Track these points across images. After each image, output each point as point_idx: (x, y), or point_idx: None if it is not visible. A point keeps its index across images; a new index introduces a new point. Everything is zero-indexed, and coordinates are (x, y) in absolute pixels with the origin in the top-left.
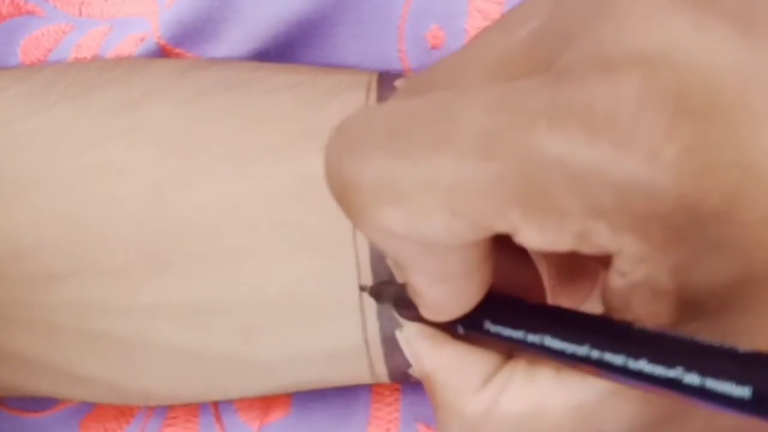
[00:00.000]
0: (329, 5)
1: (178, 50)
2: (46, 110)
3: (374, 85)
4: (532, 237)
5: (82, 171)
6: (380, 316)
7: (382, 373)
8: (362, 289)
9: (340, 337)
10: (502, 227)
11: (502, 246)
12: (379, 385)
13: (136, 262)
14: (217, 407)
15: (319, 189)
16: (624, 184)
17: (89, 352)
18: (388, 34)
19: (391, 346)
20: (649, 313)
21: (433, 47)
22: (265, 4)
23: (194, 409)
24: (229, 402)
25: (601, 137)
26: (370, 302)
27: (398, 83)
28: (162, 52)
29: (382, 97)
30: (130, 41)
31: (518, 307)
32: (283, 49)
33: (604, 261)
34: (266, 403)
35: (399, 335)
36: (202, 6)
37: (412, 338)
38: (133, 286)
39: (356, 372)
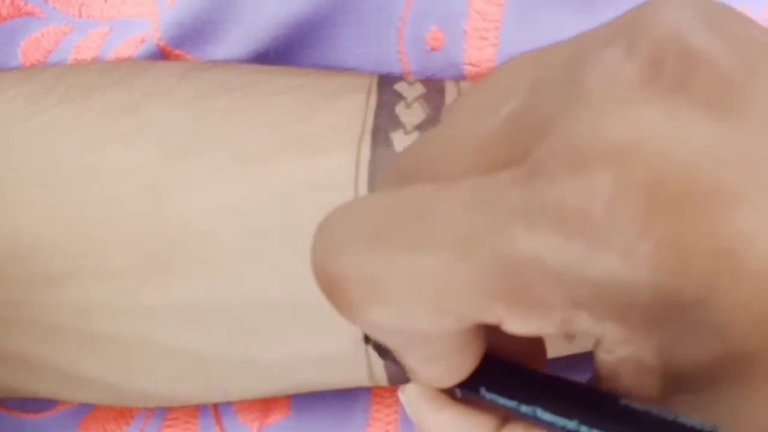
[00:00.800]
0: (329, 7)
1: (178, 51)
2: (47, 112)
3: (374, 88)
4: (518, 327)
5: (82, 172)
6: None
7: (381, 377)
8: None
9: (339, 340)
10: (488, 319)
11: None
12: (379, 387)
13: (136, 264)
14: (216, 409)
15: (320, 192)
16: (601, 281)
17: (89, 352)
18: (388, 36)
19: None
20: (636, 386)
21: (433, 49)
22: (265, 6)
23: (193, 410)
24: (229, 404)
25: (575, 236)
26: None
27: (398, 86)
28: (162, 54)
29: (382, 101)
30: (130, 42)
31: (513, 374)
32: (283, 51)
33: None
34: (266, 404)
35: (401, 396)
36: (202, 7)
37: (413, 400)
38: (133, 288)
39: (355, 375)
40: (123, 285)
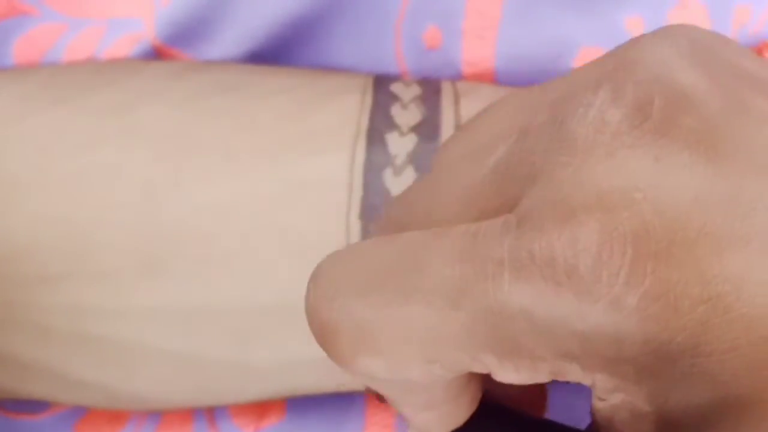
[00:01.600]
0: (325, 6)
1: (173, 51)
2: (41, 112)
3: (370, 88)
4: (509, 376)
5: (76, 173)
6: None
7: None
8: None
9: None
10: (478, 369)
11: None
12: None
13: (130, 265)
14: (211, 412)
15: (314, 193)
16: (588, 334)
17: (83, 355)
18: (385, 35)
19: None
20: (632, 431)
21: (430, 48)
22: (261, 5)
23: (188, 414)
24: (224, 407)
25: (563, 289)
26: None
27: (394, 86)
28: (157, 53)
29: (377, 101)
30: (125, 42)
31: (509, 420)
32: (279, 50)
33: None
34: (261, 408)
35: None
36: (198, 6)
37: None
38: (127, 289)
39: (350, 378)
40: (117, 287)
